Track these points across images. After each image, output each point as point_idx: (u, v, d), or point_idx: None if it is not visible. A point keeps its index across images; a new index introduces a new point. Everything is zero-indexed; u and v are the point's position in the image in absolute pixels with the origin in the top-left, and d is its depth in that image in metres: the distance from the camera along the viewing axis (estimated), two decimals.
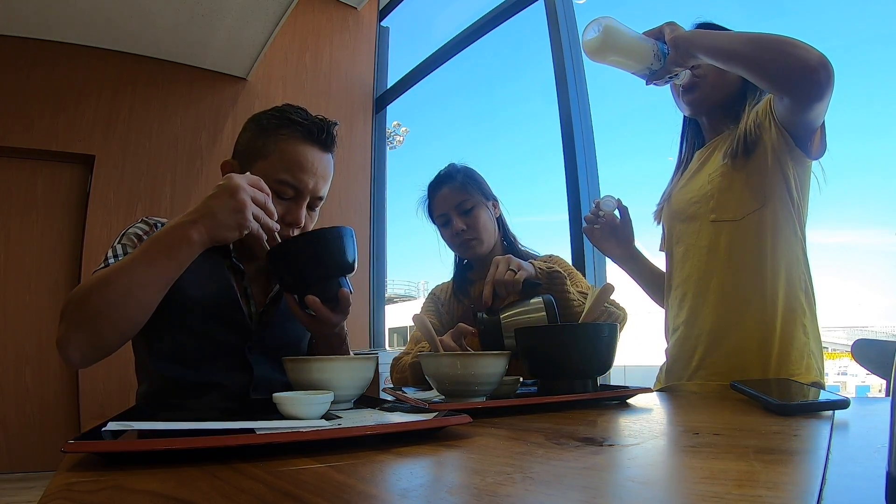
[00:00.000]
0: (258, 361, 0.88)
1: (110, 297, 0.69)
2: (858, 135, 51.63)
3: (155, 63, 3.00)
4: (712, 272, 0.98)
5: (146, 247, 0.71)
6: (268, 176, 0.83)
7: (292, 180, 0.85)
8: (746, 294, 0.94)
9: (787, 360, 0.90)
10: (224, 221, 0.71)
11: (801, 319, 0.93)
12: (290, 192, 0.86)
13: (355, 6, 3.76)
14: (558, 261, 1.23)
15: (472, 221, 1.22)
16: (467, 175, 1.26)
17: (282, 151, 0.86)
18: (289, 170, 0.85)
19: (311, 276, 0.79)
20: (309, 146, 0.87)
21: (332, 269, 0.80)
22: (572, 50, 2.30)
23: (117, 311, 0.70)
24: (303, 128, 0.87)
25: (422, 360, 0.75)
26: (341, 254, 0.80)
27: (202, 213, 0.71)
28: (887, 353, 1.10)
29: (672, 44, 0.88)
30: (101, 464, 0.41)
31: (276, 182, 0.84)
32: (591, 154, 2.21)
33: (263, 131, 0.88)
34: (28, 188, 2.72)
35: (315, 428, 0.48)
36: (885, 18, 34.62)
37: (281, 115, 0.88)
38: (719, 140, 1.03)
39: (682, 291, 1.05)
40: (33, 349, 2.62)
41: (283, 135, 0.87)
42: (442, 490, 0.34)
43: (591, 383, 0.79)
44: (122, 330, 0.72)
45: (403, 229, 5.97)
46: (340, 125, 0.93)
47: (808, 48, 0.76)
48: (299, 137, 0.87)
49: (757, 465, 0.36)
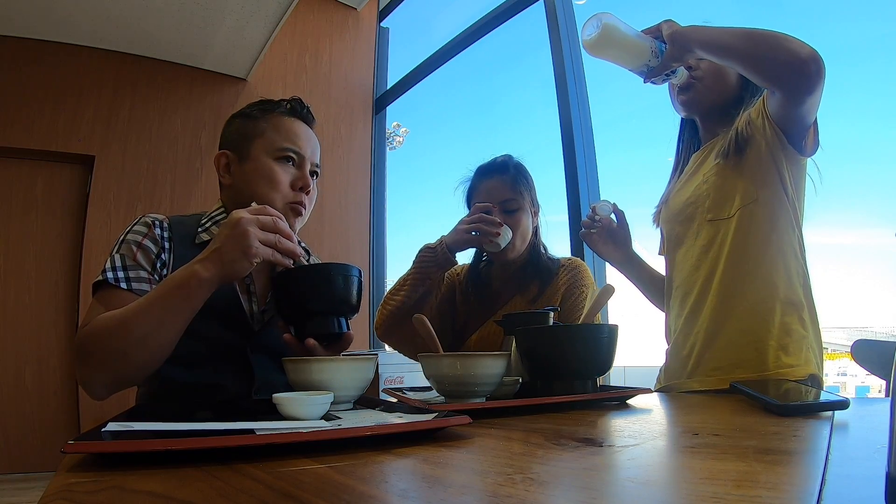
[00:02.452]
0: (259, 362, 0.88)
1: (130, 339, 0.70)
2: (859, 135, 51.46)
3: (155, 63, 3.00)
4: (712, 271, 0.98)
5: (162, 289, 0.72)
6: (269, 149, 0.90)
7: (293, 146, 0.92)
8: (743, 287, 0.94)
9: (786, 352, 0.90)
10: (228, 254, 0.71)
11: (800, 312, 0.93)
12: (293, 156, 0.92)
13: (355, 7, 3.76)
14: (579, 265, 1.19)
15: (513, 223, 1.14)
16: (522, 174, 1.20)
17: (275, 125, 0.92)
18: (287, 138, 0.92)
19: (311, 308, 0.80)
20: (295, 119, 0.95)
21: (333, 306, 0.81)
22: (572, 50, 2.30)
23: (138, 352, 0.72)
24: (286, 106, 0.95)
25: (422, 360, 0.75)
26: (345, 291, 0.80)
27: (210, 251, 0.72)
28: (887, 354, 1.10)
29: (669, 39, 0.89)
30: (101, 464, 0.41)
31: (279, 150, 0.91)
32: (591, 154, 2.21)
33: (250, 117, 0.94)
34: (28, 188, 2.72)
35: (315, 428, 0.48)
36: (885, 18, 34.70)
37: (262, 101, 0.96)
38: (714, 142, 1.04)
39: (682, 292, 1.05)
40: (33, 349, 2.62)
41: (272, 113, 0.94)
42: (442, 491, 0.34)
43: (591, 384, 0.79)
44: (144, 368, 0.75)
45: (403, 230, 5.94)
46: (338, 123, 0.96)
47: (800, 43, 0.79)
48: (286, 114, 0.95)
49: (757, 466, 0.36)
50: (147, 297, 0.73)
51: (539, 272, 1.17)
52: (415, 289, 1.10)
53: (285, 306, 0.83)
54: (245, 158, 0.92)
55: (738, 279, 0.95)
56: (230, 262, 0.71)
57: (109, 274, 0.80)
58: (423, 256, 1.11)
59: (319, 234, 3.28)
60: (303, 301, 0.80)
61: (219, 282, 0.72)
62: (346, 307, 0.82)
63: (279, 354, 0.78)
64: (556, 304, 1.11)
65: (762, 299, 0.93)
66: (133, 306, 0.73)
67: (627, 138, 5.24)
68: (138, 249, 0.84)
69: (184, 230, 0.90)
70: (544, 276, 1.17)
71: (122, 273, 0.81)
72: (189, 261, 0.73)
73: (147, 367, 0.74)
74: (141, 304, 0.72)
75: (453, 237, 1.09)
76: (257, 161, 0.90)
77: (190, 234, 0.90)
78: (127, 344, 0.70)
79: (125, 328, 0.70)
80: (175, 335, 0.73)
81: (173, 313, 0.71)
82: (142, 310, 0.71)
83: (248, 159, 0.91)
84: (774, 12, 3.22)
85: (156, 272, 0.84)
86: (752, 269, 0.94)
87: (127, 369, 0.73)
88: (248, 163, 0.91)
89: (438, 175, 5.25)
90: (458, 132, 6.34)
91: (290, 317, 0.83)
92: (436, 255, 1.09)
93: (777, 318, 0.92)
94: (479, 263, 1.29)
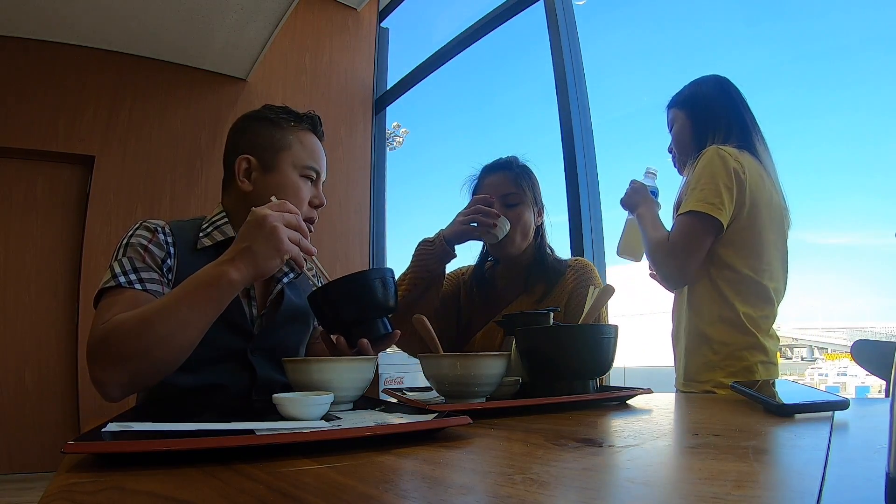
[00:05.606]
0: (260, 363, 0.88)
1: (153, 339, 0.68)
2: (858, 135, 50.80)
3: (155, 64, 3.00)
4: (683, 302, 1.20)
5: (187, 288, 0.70)
6: (296, 164, 0.92)
7: (316, 165, 0.94)
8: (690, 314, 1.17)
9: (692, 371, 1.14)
10: (262, 252, 0.70)
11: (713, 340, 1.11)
12: (314, 175, 0.95)
13: (355, 7, 3.76)
14: (586, 265, 1.20)
15: (513, 217, 1.15)
16: (525, 171, 1.22)
17: (301, 142, 0.94)
18: (311, 156, 0.94)
19: (358, 316, 0.81)
20: (315, 136, 0.97)
21: (376, 312, 0.82)
22: (572, 51, 2.30)
23: (159, 351, 0.69)
24: (308, 121, 0.97)
25: (422, 360, 0.75)
26: (384, 295, 0.82)
27: (239, 251, 0.70)
28: (887, 354, 1.10)
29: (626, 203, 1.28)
30: (101, 464, 0.41)
31: (304, 167, 0.93)
32: (591, 154, 2.21)
33: (278, 126, 0.93)
34: (28, 188, 2.72)
35: (315, 429, 0.48)
36: (885, 18, 34.47)
37: (287, 111, 0.96)
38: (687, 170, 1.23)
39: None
40: (33, 349, 2.62)
41: (296, 127, 0.95)
42: (442, 491, 0.34)
43: (591, 384, 0.79)
44: (164, 369, 0.72)
45: (403, 230, 5.95)
46: (338, 124, 0.97)
47: (662, 267, 1.14)
48: (309, 129, 0.96)
49: (757, 466, 0.36)
50: (171, 296, 0.71)
51: (546, 273, 1.17)
52: (415, 284, 1.11)
53: (329, 323, 0.84)
54: (271, 169, 0.91)
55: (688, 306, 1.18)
56: (263, 260, 0.70)
57: (122, 278, 0.78)
58: (422, 250, 1.11)
59: (319, 234, 3.27)
60: (347, 315, 0.81)
61: (249, 281, 0.71)
62: (388, 310, 0.83)
63: (279, 355, 0.78)
64: (563, 305, 1.12)
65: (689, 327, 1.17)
66: (156, 305, 0.71)
67: (627, 139, 5.25)
68: (145, 252, 0.82)
69: (185, 235, 0.88)
70: (551, 276, 1.16)
71: (135, 275, 0.79)
72: (194, 266, 0.73)
73: (166, 368, 0.72)
74: (165, 303, 0.70)
75: (451, 229, 1.09)
76: (284, 175, 0.90)
77: (191, 239, 0.88)
78: (149, 343, 0.68)
79: (149, 326, 0.68)
80: (198, 335, 0.72)
81: (200, 313, 0.70)
82: (166, 308, 0.69)
83: (275, 171, 0.90)
84: (775, 12, 3.22)
85: (164, 277, 0.82)
86: (691, 301, 1.16)
87: (146, 369, 0.71)
88: (274, 174, 0.90)
89: (438, 175, 5.25)
90: (457, 132, 6.34)
91: (336, 330, 0.84)
92: (434, 248, 1.09)
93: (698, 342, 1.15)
94: (484, 262, 1.30)
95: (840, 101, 32.77)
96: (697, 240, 1.07)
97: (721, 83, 1.21)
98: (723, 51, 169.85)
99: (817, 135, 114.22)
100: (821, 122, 30.68)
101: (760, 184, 1.10)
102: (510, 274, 1.23)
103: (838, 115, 32.27)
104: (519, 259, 1.19)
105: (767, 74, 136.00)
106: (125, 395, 0.73)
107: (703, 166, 1.09)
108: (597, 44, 28.79)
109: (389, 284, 0.83)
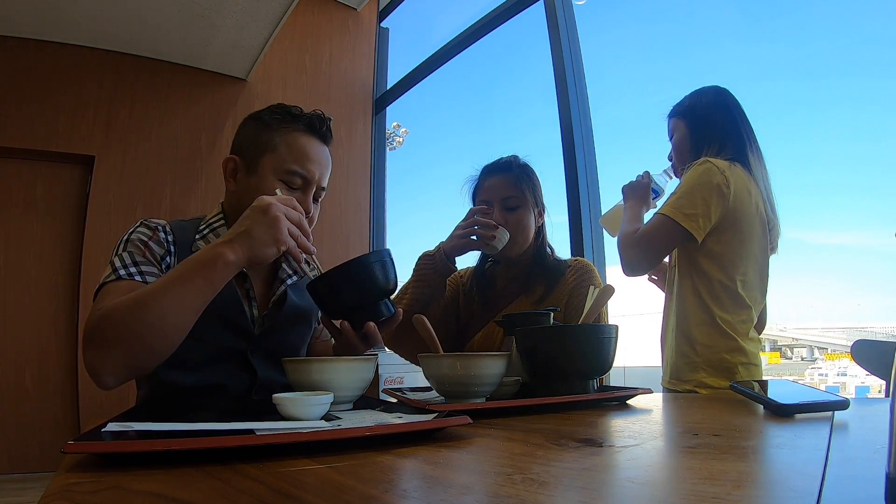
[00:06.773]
0: (260, 364, 0.88)
1: (147, 319, 0.67)
2: (858, 135, 50.59)
3: (155, 64, 3.00)
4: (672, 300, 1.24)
5: (181, 269, 0.70)
6: (277, 167, 0.87)
7: (301, 170, 0.89)
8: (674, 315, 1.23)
9: (677, 370, 1.19)
10: (260, 238, 0.70)
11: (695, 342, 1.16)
12: (298, 181, 0.89)
13: (355, 7, 3.76)
14: (587, 265, 1.20)
15: (514, 220, 1.15)
16: (525, 172, 1.20)
17: (289, 144, 0.89)
18: (297, 160, 0.89)
19: (360, 301, 0.81)
20: (312, 138, 0.91)
21: (378, 294, 0.82)
22: (572, 51, 2.30)
23: (154, 333, 0.68)
24: (305, 121, 0.91)
25: (422, 360, 0.75)
26: (384, 278, 0.82)
27: (237, 233, 0.70)
28: (886, 354, 1.10)
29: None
30: (101, 464, 0.41)
31: (287, 172, 0.88)
32: (591, 154, 2.21)
33: (267, 126, 0.90)
34: (28, 188, 2.72)
35: (315, 429, 0.48)
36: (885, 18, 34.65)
37: (283, 111, 0.91)
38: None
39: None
40: (33, 350, 2.62)
41: (288, 128, 0.90)
42: (442, 491, 0.34)
43: (591, 384, 0.79)
44: (158, 352, 0.71)
45: (403, 230, 5.95)
46: (338, 124, 0.94)
47: (624, 253, 1.20)
48: (303, 130, 0.91)
49: (756, 466, 0.36)
50: (165, 277, 0.70)
51: (546, 273, 1.17)
52: (416, 299, 1.11)
53: (332, 309, 0.84)
54: (252, 171, 0.89)
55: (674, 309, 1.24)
56: (260, 246, 0.70)
57: (122, 271, 0.78)
58: (422, 264, 1.12)
59: (319, 234, 3.24)
60: (348, 300, 0.81)
61: (244, 265, 0.71)
62: (389, 291, 0.83)
63: (279, 356, 0.78)
64: (563, 305, 1.12)
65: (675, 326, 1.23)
66: (149, 286, 0.70)
67: (627, 139, 5.27)
68: (145, 248, 0.82)
69: (185, 235, 0.88)
70: (551, 276, 1.16)
71: (134, 268, 0.79)
72: None
73: (160, 353, 0.71)
74: (158, 284, 0.70)
75: (450, 243, 1.09)
76: (263, 178, 0.88)
77: (189, 239, 0.88)
78: (143, 324, 0.67)
79: (142, 307, 0.67)
80: (192, 317, 0.71)
81: (194, 294, 0.69)
82: (160, 289, 0.69)
83: (255, 174, 0.89)
84: (774, 12, 3.23)
85: (163, 273, 0.82)
86: (677, 304, 1.22)
87: (140, 353, 0.70)
88: (254, 177, 0.89)
89: (438, 175, 5.27)
90: (457, 132, 6.36)
91: (339, 316, 0.83)
92: (434, 262, 1.10)
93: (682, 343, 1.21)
94: (484, 262, 1.29)
95: (839, 100, 32.22)
96: (660, 240, 1.16)
97: (720, 95, 1.25)
98: (725, 47, 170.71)
99: (817, 135, 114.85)
100: (822, 124, 30.28)
101: (746, 198, 1.15)
102: (510, 274, 1.23)
103: (838, 114, 31.56)
104: (519, 259, 1.19)
105: (767, 74, 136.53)
106: (119, 382, 0.71)
107: (689, 177, 1.15)
108: (597, 44, 28.59)
109: (389, 266, 0.82)
